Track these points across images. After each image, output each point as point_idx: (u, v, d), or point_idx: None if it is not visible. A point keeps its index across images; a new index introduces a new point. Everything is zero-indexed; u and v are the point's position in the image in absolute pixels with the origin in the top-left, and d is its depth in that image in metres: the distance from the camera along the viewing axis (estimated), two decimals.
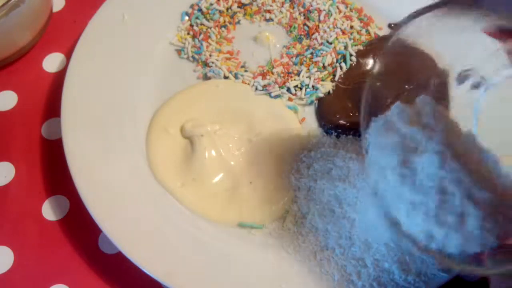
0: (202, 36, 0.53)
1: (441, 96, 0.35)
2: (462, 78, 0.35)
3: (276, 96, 0.50)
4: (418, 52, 0.36)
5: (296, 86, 0.50)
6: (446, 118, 0.34)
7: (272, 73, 0.51)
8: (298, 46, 0.53)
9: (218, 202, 0.45)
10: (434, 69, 0.36)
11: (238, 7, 0.55)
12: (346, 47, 0.52)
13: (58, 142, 0.46)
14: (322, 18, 0.54)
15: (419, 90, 0.36)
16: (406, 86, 0.37)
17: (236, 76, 0.51)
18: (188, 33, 0.54)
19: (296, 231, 0.42)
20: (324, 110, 0.49)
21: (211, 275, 0.41)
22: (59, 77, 0.52)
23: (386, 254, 0.39)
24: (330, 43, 0.52)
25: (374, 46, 0.53)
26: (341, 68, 0.51)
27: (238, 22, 0.55)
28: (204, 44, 0.53)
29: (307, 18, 0.54)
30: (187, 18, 0.55)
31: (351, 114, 0.49)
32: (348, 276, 0.40)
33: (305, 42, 0.53)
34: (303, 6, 0.55)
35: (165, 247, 0.42)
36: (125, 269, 0.42)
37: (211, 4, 0.55)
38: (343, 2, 0.55)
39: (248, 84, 0.51)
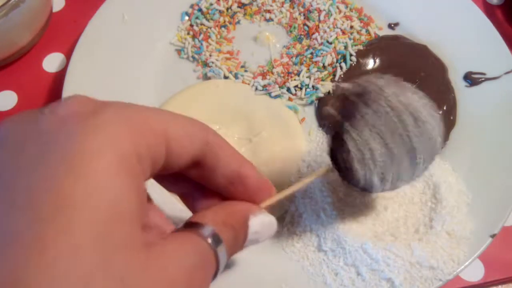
0: (202, 36, 0.53)
1: None
2: None
3: (276, 96, 0.50)
4: None
5: (296, 86, 0.50)
6: None
7: (272, 73, 0.51)
8: (298, 46, 0.53)
9: None
10: None
11: (238, 7, 0.55)
12: (346, 47, 0.52)
13: None
14: (322, 18, 0.53)
15: None
16: None
17: (236, 76, 0.51)
18: (188, 33, 0.54)
19: (292, 231, 0.42)
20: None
21: None
22: (59, 77, 0.52)
23: (383, 264, 0.39)
24: (330, 43, 0.52)
25: (374, 46, 0.53)
26: (341, 68, 0.51)
27: (238, 22, 0.55)
28: (204, 44, 0.53)
29: (307, 18, 0.54)
30: (187, 18, 0.55)
31: None
32: (341, 281, 0.39)
33: (305, 42, 0.53)
34: (303, 6, 0.55)
35: None
36: None
37: (211, 4, 0.55)
38: (343, 2, 0.55)
39: (248, 84, 0.51)
